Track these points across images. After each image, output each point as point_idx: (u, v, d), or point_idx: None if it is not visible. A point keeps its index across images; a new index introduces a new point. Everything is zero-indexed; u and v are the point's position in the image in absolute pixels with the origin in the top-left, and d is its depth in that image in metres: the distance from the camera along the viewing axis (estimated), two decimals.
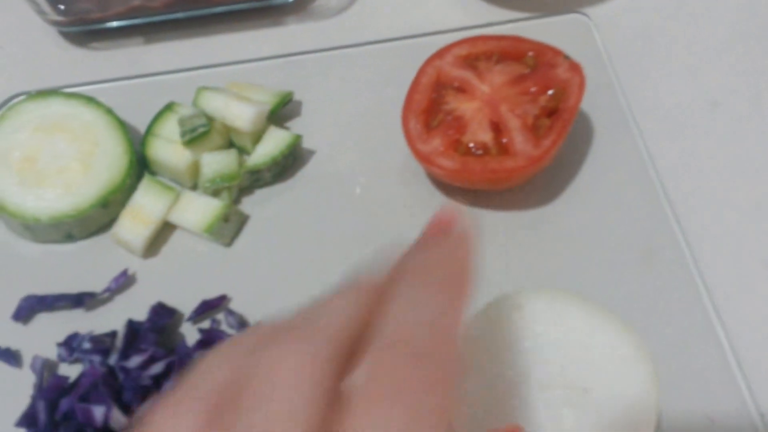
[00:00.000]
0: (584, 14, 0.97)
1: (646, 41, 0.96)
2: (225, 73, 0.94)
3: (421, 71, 0.85)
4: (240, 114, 0.84)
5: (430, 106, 0.83)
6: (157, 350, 0.74)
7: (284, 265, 0.83)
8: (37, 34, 0.97)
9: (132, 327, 0.76)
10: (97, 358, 0.74)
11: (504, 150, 0.79)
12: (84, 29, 0.95)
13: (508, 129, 0.80)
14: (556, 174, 0.85)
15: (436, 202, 0.85)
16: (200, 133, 0.83)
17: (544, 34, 0.87)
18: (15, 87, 0.93)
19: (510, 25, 0.97)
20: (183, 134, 0.83)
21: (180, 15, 0.96)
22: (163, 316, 0.78)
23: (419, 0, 1.00)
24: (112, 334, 0.77)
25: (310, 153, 0.88)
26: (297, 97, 0.92)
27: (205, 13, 0.96)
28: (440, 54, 0.86)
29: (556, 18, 0.98)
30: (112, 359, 0.74)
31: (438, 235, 0.49)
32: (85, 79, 0.94)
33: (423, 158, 0.80)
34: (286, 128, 0.89)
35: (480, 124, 0.80)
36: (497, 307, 0.69)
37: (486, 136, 0.80)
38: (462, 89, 0.83)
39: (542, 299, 0.69)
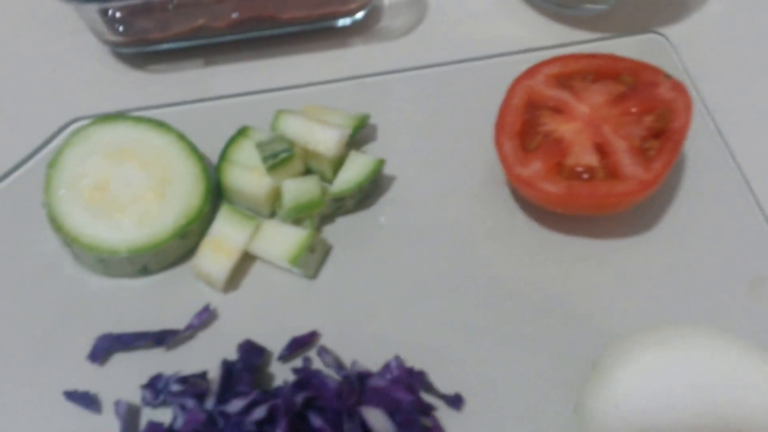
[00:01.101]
0: (660, 34, 0.90)
1: (728, 59, 0.90)
2: (294, 95, 0.86)
3: (511, 92, 0.78)
4: (324, 138, 0.76)
5: (524, 128, 0.76)
6: (259, 393, 0.65)
7: (373, 297, 0.75)
8: (91, 55, 0.89)
9: (226, 367, 0.67)
10: (190, 402, 0.66)
11: (612, 173, 0.72)
12: (143, 50, 0.86)
13: (614, 151, 0.73)
14: (649, 199, 0.78)
15: (523, 226, 0.79)
16: (283, 158, 0.75)
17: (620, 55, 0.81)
18: (71, 111, 0.84)
19: (584, 46, 0.90)
20: (265, 160, 0.75)
21: (243, 36, 0.87)
22: (254, 354, 0.70)
23: (487, 20, 0.93)
24: (202, 375, 0.68)
25: (391, 178, 0.81)
26: (371, 119, 0.84)
27: (268, 34, 0.88)
28: (529, 73, 0.78)
29: (632, 38, 0.91)
30: (209, 403, 0.65)
31: None
32: (143, 102, 0.86)
33: (523, 183, 0.73)
34: (363, 152, 0.81)
35: (583, 147, 0.74)
36: (635, 342, 0.61)
37: (592, 159, 0.73)
38: (558, 110, 0.76)
39: (686, 334, 0.61)
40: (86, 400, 0.69)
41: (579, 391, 0.65)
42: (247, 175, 0.76)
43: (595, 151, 0.73)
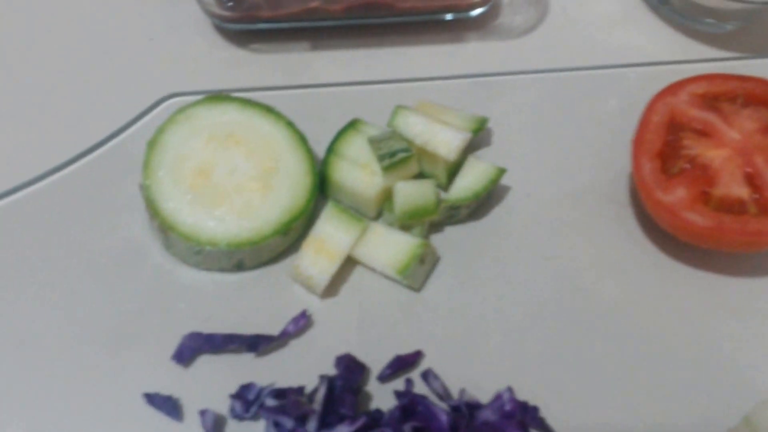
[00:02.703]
0: None
1: None
2: (404, 89, 0.76)
3: (651, 108, 0.67)
4: (446, 141, 0.66)
5: (665, 149, 0.66)
6: (366, 419, 0.54)
7: (482, 317, 0.65)
8: (191, 27, 0.79)
9: (328, 386, 0.57)
10: (288, 422, 0.55)
11: (764, 209, 0.61)
12: (248, 27, 0.76)
13: (767, 185, 0.62)
14: None
15: (648, 254, 0.69)
16: (402, 158, 0.64)
17: None
18: (166, 85, 0.75)
19: (712, 64, 0.80)
20: (381, 158, 0.65)
21: (354, 22, 0.77)
22: (355, 372, 0.60)
23: (609, 26, 0.83)
24: (299, 390, 0.58)
25: (505, 188, 0.71)
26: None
27: (380, 22, 0.78)
28: (672, 90, 0.68)
29: (763, 60, 0.80)
30: (311, 426, 0.55)
31: None
32: (242, 83, 0.76)
33: (664, 210, 0.63)
34: (477, 158, 0.70)
35: (733, 176, 0.63)
36: None
37: (742, 192, 0.63)
38: (705, 133, 0.66)
39: None
40: (168, 405, 0.59)
41: None
42: (357, 172, 0.66)
43: (745, 182, 0.63)
